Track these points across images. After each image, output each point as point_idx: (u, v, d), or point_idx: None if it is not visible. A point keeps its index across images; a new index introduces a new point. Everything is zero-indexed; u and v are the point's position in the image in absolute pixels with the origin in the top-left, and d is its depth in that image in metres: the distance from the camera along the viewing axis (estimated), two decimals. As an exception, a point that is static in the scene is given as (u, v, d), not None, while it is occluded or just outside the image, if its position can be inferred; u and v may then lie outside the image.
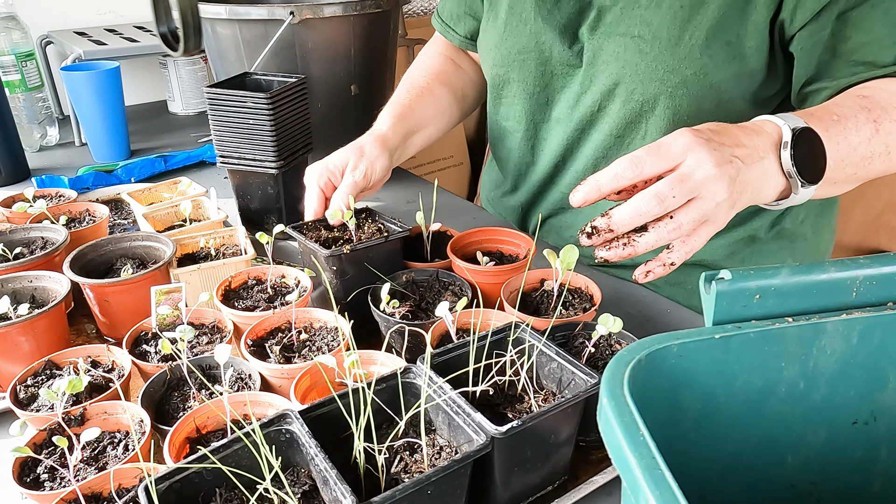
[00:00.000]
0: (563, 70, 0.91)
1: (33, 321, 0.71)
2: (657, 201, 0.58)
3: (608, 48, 0.84)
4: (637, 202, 0.59)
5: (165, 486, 0.49)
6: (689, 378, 0.41)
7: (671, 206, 0.58)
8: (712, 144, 0.60)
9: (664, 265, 0.62)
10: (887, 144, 0.71)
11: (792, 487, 0.48)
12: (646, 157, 0.59)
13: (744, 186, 0.61)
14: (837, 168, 0.68)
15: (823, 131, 0.66)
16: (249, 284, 0.81)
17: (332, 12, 1.09)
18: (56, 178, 1.18)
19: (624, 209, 0.59)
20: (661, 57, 0.80)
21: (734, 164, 0.60)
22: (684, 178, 0.58)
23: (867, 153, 0.70)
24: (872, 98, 0.72)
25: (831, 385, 0.44)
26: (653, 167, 0.59)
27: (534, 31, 0.90)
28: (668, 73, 0.81)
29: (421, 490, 0.49)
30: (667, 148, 0.60)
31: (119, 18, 1.71)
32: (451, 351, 0.62)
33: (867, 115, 0.70)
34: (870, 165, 0.71)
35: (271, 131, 0.98)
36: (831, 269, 0.42)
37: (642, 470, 0.32)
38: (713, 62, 0.79)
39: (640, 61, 0.82)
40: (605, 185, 0.60)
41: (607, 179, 0.60)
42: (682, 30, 0.79)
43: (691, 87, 0.80)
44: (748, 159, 0.62)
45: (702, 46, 0.78)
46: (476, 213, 1.16)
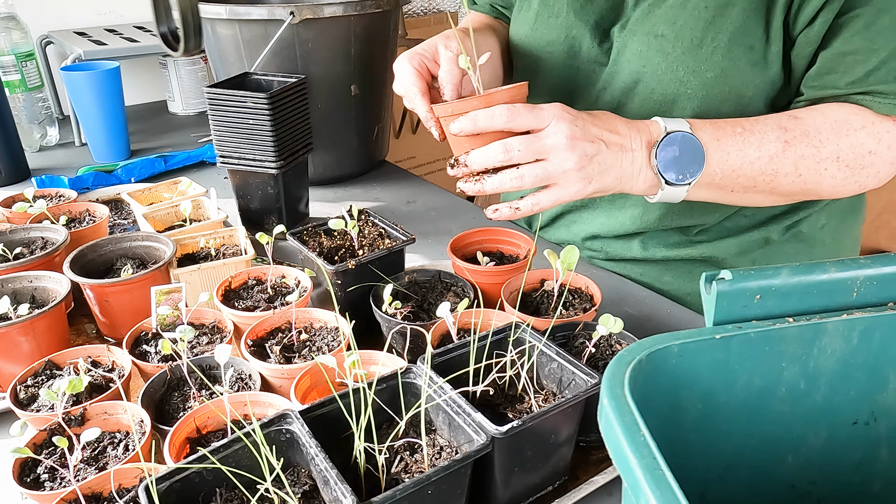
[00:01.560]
0: (589, 66, 0.90)
1: (33, 321, 0.71)
2: (503, 149, 0.68)
3: (632, 46, 0.84)
4: (488, 147, 0.69)
5: (166, 487, 0.49)
6: (690, 378, 0.41)
7: (516, 158, 0.68)
8: (578, 122, 0.69)
9: (510, 208, 0.72)
10: (797, 166, 0.75)
11: (792, 487, 0.48)
12: (521, 111, 0.68)
13: (604, 168, 0.70)
14: (727, 177, 0.75)
15: (713, 140, 0.73)
16: (249, 284, 0.81)
17: (332, 12, 1.09)
18: (56, 178, 1.18)
19: (478, 153, 0.70)
20: (683, 58, 0.80)
21: (595, 144, 0.69)
22: (534, 140, 0.68)
23: (769, 169, 0.75)
24: (802, 120, 0.76)
25: (832, 385, 0.44)
26: (523, 121, 0.68)
27: (565, 25, 0.89)
28: (689, 75, 0.80)
29: (421, 490, 0.49)
30: (540, 111, 0.69)
31: (119, 18, 1.71)
32: (451, 351, 0.62)
33: (780, 134, 0.75)
34: (774, 181, 0.76)
35: (271, 131, 0.98)
36: (832, 270, 0.42)
37: (643, 470, 0.32)
38: (734, 66, 0.78)
39: (662, 61, 0.81)
40: (482, 121, 0.69)
41: (484, 116, 0.69)
42: (705, 32, 0.78)
43: (711, 90, 0.80)
44: (615, 146, 0.71)
45: (724, 50, 0.78)
46: (476, 213, 1.16)
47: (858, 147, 0.76)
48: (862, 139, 0.75)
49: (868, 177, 0.78)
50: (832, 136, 0.75)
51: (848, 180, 0.77)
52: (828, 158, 0.75)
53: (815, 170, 0.76)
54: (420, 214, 1.16)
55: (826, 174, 0.76)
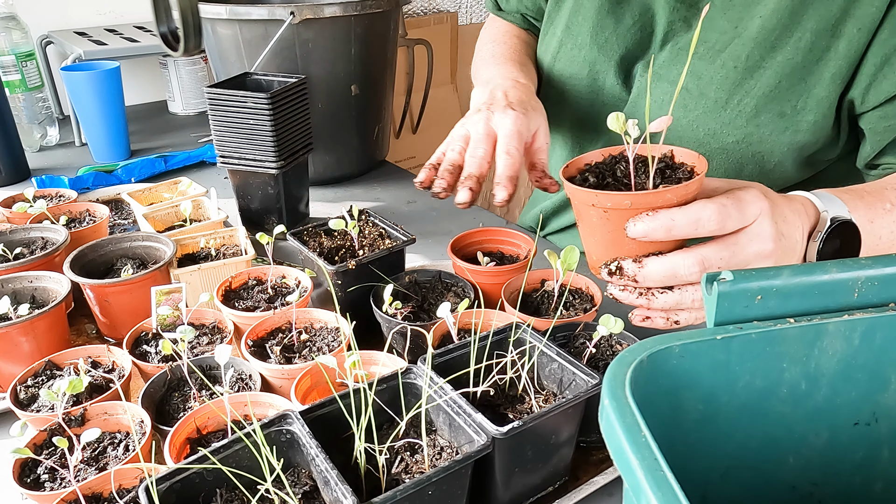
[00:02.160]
0: (613, 102, 0.84)
1: (33, 321, 0.71)
2: (700, 268, 0.52)
3: (655, 93, 0.78)
4: (678, 262, 0.52)
5: (166, 487, 0.49)
6: (691, 379, 0.41)
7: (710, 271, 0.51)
8: (778, 218, 0.55)
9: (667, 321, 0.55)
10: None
11: (793, 488, 0.48)
12: (732, 211, 0.51)
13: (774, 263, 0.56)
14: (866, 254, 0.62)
15: (868, 222, 0.61)
16: (250, 285, 0.81)
17: (332, 12, 1.09)
18: (56, 178, 1.18)
19: (659, 265, 0.52)
20: (704, 118, 0.75)
21: (781, 243, 0.55)
22: (737, 251, 0.53)
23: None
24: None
25: (833, 386, 0.44)
26: (733, 225, 0.52)
27: (588, 60, 0.84)
28: (708, 137, 0.75)
29: (422, 490, 0.49)
30: (747, 207, 0.53)
31: (119, 18, 1.71)
32: (451, 351, 0.62)
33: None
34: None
35: (271, 131, 0.98)
36: (833, 270, 0.41)
37: (644, 471, 0.31)
38: (759, 132, 0.73)
39: (682, 117, 0.76)
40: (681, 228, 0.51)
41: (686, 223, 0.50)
42: (732, 93, 0.73)
43: (731, 154, 0.75)
44: (791, 239, 0.57)
45: (749, 114, 0.73)
46: (476, 213, 1.16)
47: None
48: None
49: None
50: None
51: None
52: None
53: None
54: (420, 214, 1.16)
55: None
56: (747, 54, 0.72)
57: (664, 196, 0.51)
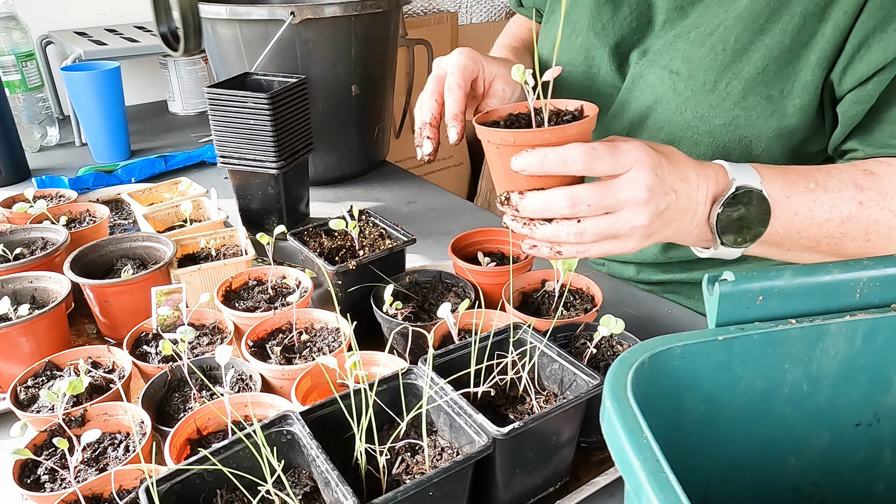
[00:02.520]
0: (605, 89, 0.86)
1: (34, 322, 0.71)
2: (570, 203, 0.56)
3: (648, 77, 0.80)
4: (552, 197, 0.57)
5: (166, 488, 0.49)
6: (693, 380, 0.41)
7: (582, 213, 0.57)
8: (658, 169, 0.58)
9: (550, 250, 0.60)
10: (867, 230, 0.66)
11: (795, 489, 0.47)
12: (602, 154, 0.56)
13: (669, 221, 0.60)
14: (789, 237, 0.66)
15: (783, 197, 0.64)
16: (250, 285, 0.81)
17: (332, 12, 1.09)
18: (56, 178, 1.18)
19: (536, 199, 0.58)
20: (692, 100, 0.75)
21: (668, 197, 0.59)
22: (608, 193, 0.57)
23: (836, 233, 0.66)
24: (877, 178, 0.67)
25: (835, 387, 0.44)
26: (605, 167, 0.57)
27: (585, 46, 0.85)
28: (696, 120, 0.76)
29: (422, 491, 0.49)
30: (621, 154, 0.57)
31: (119, 18, 1.71)
32: (452, 352, 0.62)
33: (855, 193, 0.66)
34: (838, 245, 0.67)
35: (271, 131, 0.98)
36: (835, 271, 0.41)
37: (646, 472, 0.31)
38: (746, 115, 0.73)
39: (672, 100, 0.77)
40: (551, 164, 0.56)
41: (556, 159, 0.56)
42: (720, 75, 0.73)
43: (718, 137, 0.75)
44: (684, 198, 0.60)
45: (737, 97, 0.73)
46: (476, 213, 1.16)
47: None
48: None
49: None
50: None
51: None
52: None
53: (887, 236, 0.67)
54: (421, 215, 1.16)
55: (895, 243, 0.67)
56: (735, 37, 0.73)
57: (543, 135, 0.57)
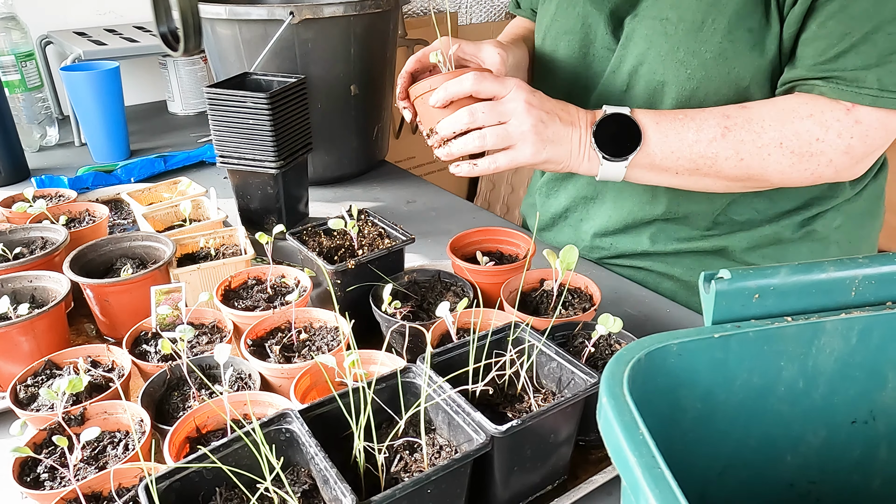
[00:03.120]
0: (602, 53, 0.92)
1: (33, 321, 0.71)
2: (468, 113, 0.76)
3: (639, 30, 0.86)
4: (457, 113, 0.77)
5: (165, 486, 0.49)
6: (689, 377, 0.41)
7: (479, 120, 0.76)
8: (536, 93, 0.78)
9: (470, 164, 0.80)
10: (737, 150, 0.78)
11: (791, 486, 0.48)
12: (487, 77, 0.77)
13: (556, 138, 0.78)
14: (667, 158, 0.80)
15: (653, 123, 0.79)
16: (249, 284, 0.81)
17: (332, 12, 1.09)
18: (56, 178, 1.18)
19: (447, 118, 0.78)
20: (684, 39, 0.81)
21: (549, 115, 0.77)
22: (496, 104, 0.76)
23: (708, 153, 0.79)
24: (747, 109, 0.79)
25: (830, 384, 0.44)
26: (489, 86, 0.76)
27: (581, 14, 0.92)
28: (689, 56, 0.81)
29: (421, 489, 0.49)
30: (503, 80, 0.77)
31: (119, 18, 1.71)
32: (451, 350, 0.62)
33: (721, 120, 0.78)
34: (715, 165, 0.79)
35: (271, 131, 0.98)
36: (830, 269, 0.42)
37: (642, 469, 0.32)
38: (734, 48, 0.79)
39: (664, 42, 0.83)
40: (451, 88, 0.77)
41: (454, 83, 0.77)
42: (706, 14, 0.80)
43: (710, 70, 0.81)
44: (564, 121, 0.79)
45: (724, 31, 0.79)
46: (476, 213, 1.16)
47: (804, 134, 0.76)
48: (808, 126, 0.76)
49: (819, 165, 0.78)
50: (775, 122, 0.77)
51: (796, 167, 0.78)
52: (770, 144, 0.77)
53: (758, 155, 0.78)
54: (420, 214, 1.16)
55: (770, 160, 0.78)
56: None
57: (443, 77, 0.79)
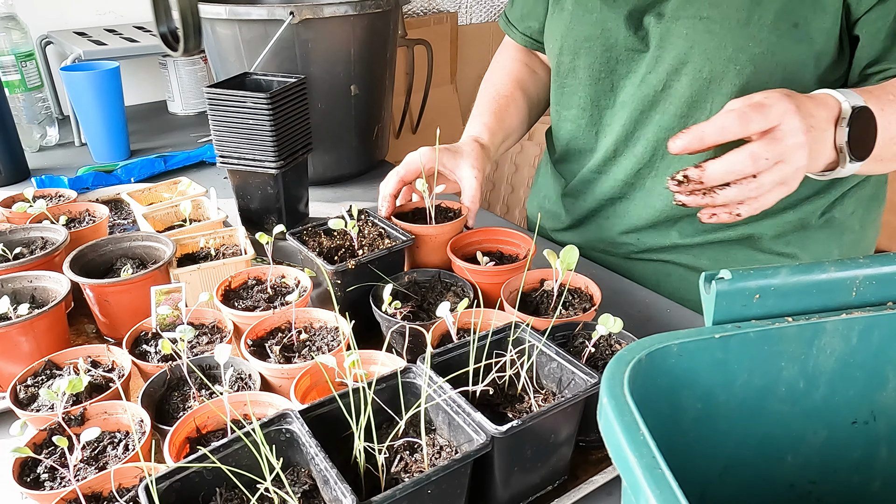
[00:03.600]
0: (627, 55, 0.91)
1: (33, 321, 0.71)
2: (751, 161, 0.61)
3: (676, 30, 0.85)
4: (732, 160, 0.62)
5: (166, 486, 0.49)
6: (689, 378, 0.41)
7: (762, 167, 0.62)
8: (803, 113, 0.64)
9: (730, 214, 0.65)
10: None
11: (792, 487, 0.48)
12: (752, 115, 0.62)
13: (816, 154, 0.66)
14: (886, 146, 0.71)
15: (879, 110, 0.69)
16: (249, 284, 0.81)
17: (332, 12, 1.09)
18: (56, 178, 1.18)
19: (718, 164, 0.62)
20: (730, 35, 0.81)
21: (812, 133, 0.64)
22: (777, 142, 0.62)
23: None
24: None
25: (831, 385, 0.44)
26: (758, 125, 0.62)
27: (599, 20, 0.91)
28: (737, 52, 0.81)
29: (421, 490, 0.49)
30: (769, 109, 0.62)
31: (119, 18, 1.71)
32: (451, 351, 0.62)
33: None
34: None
35: (271, 131, 0.98)
36: (831, 269, 0.42)
37: (643, 469, 0.32)
38: (780, 42, 0.79)
39: (710, 40, 0.82)
40: (710, 136, 0.62)
41: (714, 131, 0.62)
42: (751, 10, 0.79)
43: (759, 65, 0.81)
44: (817, 129, 0.66)
45: (770, 27, 0.79)
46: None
47: None
48: None
49: None
50: None
51: None
52: None
53: None
54: (420, 214, 1.16)
55: None
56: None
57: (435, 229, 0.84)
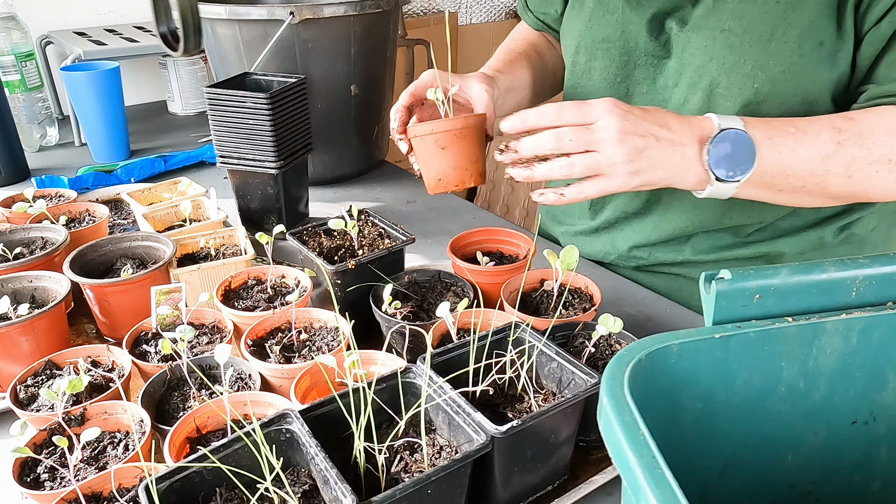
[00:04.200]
0: (646, 60, 0.90)
1: (33, 321, 0.71)
2: (555, 138, 0.69)
3: (696, 41, 0.83)
4: (540, 135, 0.70)
5: (166, 486, 0.49)
6: (690, 377, 0.41)
7: (566, 147, 0.69)
8: (629, 116, 0.69)
9: (556, 193, 0.72)
10: (847, 167, 0.74)
11: (792, 487, 0.48)
12: (570, 108, 0.70)
13: (653, 162, 0.70)
14: (778, 175, 0.74)
15: (766, 139, 0.73)
16: (249, 284, 0.81)
17: (332, 12, 1.09)
18: (56, 178, 1.18)
19: (529, 138, 0.71)
20: (751, 52, 0.79)
21: (645, 139, 0.69)
22: (586, 131, 0.69)
23: (819, 170, 0.74)
24: (856, 122, 0.75)
25: (831, 385, 0.44)
26: (570, 117, 0.69)
27: (620, 21, 0.89)
28: (756, 69, 0.79)
29: (421, 490, 0.49)
30: (588, 107, 0.69)
31: (119, 18, 1.71)
32: (451, 351, 0.62)
33: (833, 134, 0.74)
34: (824, 182, 0.75)
35: (271, 131, 0.98)
36: (831, 269, 0.42)
37: (643, 469, 0.32)
38: (803, 62, 0.77)
39: (729, 55, 0.80)
40: (531, 119, 0.71)
41: (534, 115, 0.71)
42: (776, 26, 0.77)
43: (778, 85, 0.79)
44: (665, 141, 0.70)
45: (794, 45, 0.77)
46: (476, 213, 1.16)
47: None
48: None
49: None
50: (886, 138, 0.74)
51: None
52: (879, 160, 0.74)
53: (866, 172, 0.75)
54: (420, 214, 1.16)
55: (877, 176, 0.75)
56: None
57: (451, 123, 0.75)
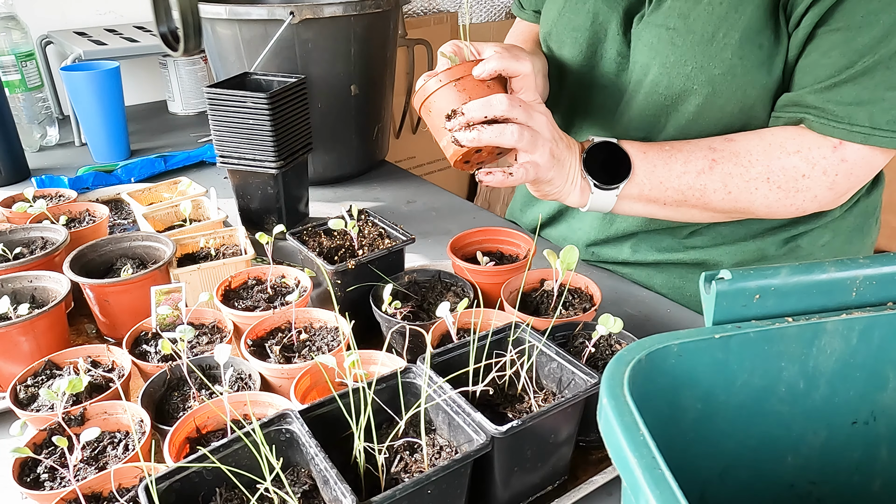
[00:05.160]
0: (611, 55, 0.89)
1: (33, 321, 0.71)
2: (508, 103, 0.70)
3: (645, 38, 0.84)
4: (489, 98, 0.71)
5: (165, 486, 0.49)
6: (689, 378, 0.41)
7: (514, 113, 0.71)
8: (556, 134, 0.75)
9: (504, 173, 0.73)
10: (725, 183, 0.78)
11: (792, 487, 0.48)
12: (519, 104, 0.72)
13: (560, 157, 0.75)
14: (656, 188, 0.79)
15: (640, 153, 0.79)
16: (249, 284, 0.81)
17: (332, 12, 1.09)
18: (56, 178, 1.18)
19: (476, 102, 0.71)
20: (692, 52, 0.80)
21: (560, 136, 0.76)
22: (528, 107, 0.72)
23: (697, 185, 0.79)
24: (734, 142, 0.79)
25: (831, 385, 0.44)
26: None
27: (592, 11, 0.89)
28: (696, 70, 0.80)
29: (421, 490, 0.49)
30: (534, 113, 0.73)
31: (119, 18, 1.71)
32: (451, 351, 0.62)
33: (707, 153, 0.79)
34: (704, 197, 0.79)
35: (271, 131, 0.98)
36: (831, 269, 0.42)
37: (642, 470, 0.32)
38: (742, 64, 0.78)
39: (671, 54, 0.81)
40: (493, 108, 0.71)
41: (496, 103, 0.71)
42: (718, 27, 0.78)
43: (717, 86, 0.79)
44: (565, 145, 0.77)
45: (734, 47, 0.77)
46: (476, 213, 1.16)
47: (791, 170, 0.76)
48: (795, 163, 0.76)
49: (805, 200, 0.78)
50: (763, 157, 0.77)
51: (782, 201, 0.78)
52: (757, 178, 0.77)
53: (745, 188, 0.78)
54: (420, 214, 1.16)
55: (757, 193, 0.78)
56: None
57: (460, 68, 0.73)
